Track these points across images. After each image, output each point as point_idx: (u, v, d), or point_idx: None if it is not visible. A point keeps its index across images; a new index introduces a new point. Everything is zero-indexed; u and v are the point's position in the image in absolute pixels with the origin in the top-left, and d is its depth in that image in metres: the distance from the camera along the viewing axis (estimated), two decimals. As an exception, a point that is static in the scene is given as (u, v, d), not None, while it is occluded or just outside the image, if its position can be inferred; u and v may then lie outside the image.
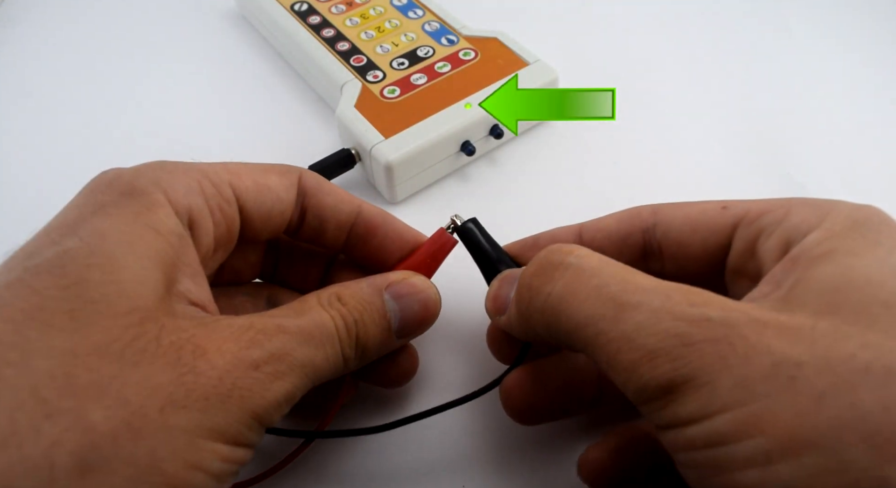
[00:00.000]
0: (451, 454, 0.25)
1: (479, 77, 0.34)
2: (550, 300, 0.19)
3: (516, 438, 0.25)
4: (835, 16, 0.44)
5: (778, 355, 0.15)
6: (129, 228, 0.18)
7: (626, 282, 0.18)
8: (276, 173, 0.22)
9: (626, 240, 0.23)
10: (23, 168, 0.36)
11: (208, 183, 0.20)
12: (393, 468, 0.25)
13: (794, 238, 0.18)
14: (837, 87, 0.39)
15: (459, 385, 0.27)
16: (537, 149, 0.36)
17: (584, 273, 0.19)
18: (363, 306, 0.21)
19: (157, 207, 0.19)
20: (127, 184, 0.19)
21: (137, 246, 0.18)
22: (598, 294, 0.18)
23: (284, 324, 0.19)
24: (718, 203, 0.22)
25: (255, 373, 0.17)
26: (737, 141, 0.36)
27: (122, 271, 0.17)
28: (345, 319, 0.21)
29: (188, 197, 0.20)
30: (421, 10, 0.38)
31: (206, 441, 0.16)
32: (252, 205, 0.21)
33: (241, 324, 0.18)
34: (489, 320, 0.24)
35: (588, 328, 0.18)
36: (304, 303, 0.21)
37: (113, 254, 0.17)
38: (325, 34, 0.37)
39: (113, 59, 0.42)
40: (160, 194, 0.19)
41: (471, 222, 0.25)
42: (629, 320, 0.17)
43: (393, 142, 0.31)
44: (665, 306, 0.17)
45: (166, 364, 0.16)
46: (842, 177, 0.34)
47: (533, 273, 0.20)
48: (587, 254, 0.19)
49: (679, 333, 0.16)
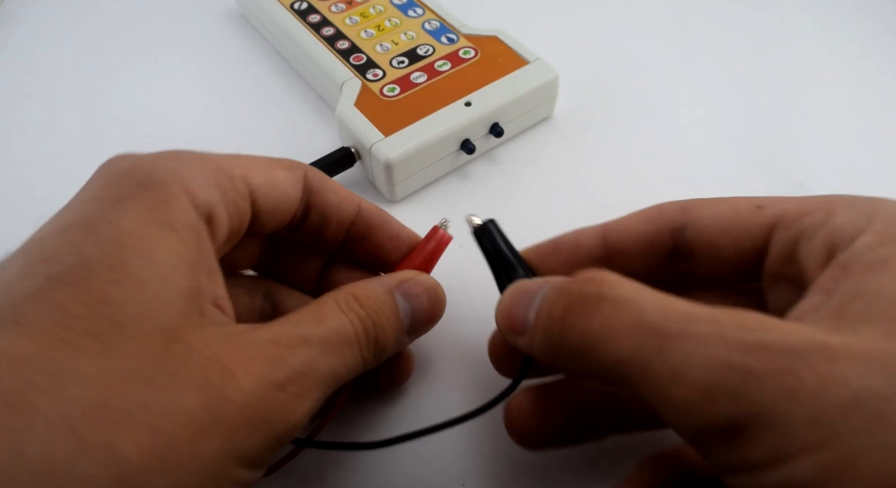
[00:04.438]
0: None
1: (478, 75, 0.34)
2: (587, 337, 0.17)
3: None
4: (836, 14, 0.43)
5: (857, 387, 0.13)
6: (148, 231, 0.17)
7: (666, 309, 0.16)
8: (283, 168, 0.22)
9: (653, 242, 0.21)
10: (23, 168, 0.36)
11: (224, 176, 0.20)
12: (385, 484, 0.24)
13: (840, 242, 0.17)
14: (837, 85, 0.39)
15: (459, 393, 0.26)
16: (537, 147, 0.36)
17: (620, 304, 0.17)
18: (379, 307, 0.21)
19: (175, 200, 0.18)
20: (145, 174, 0.18)
21: (158, 254, 0.17)
22: (637, 325, 0.16)
23: (307, 334, 0.19)
24: (752, 201, 0.20)
25: (280, 395, 0.17)
26: (737, 139, 0.36)
27: (145, 289, 0.16)
28: (363, 322, 0.20)
29: (206, 190, 0.19)
30: (421, 8, 0.38)
31: (232, 467, 0.16)
32: (263, 201, 0.21)
33: (265, 338, 0.18)
34: (490, 327, 0.23)
35: (631, 364, 0.16)
36: (322, 306, 0.20)
37: (135, 269, 0.16)
38: (325, 33, 0.37)
39: (113, 58, 0.42)
40: (178, 186, 0.18)
41: (490, 223, 0.24)
42: (676, 351, 0.15)
43: (393, 141, 0.31)
44: (714, 332, 0.15)
45: (194, 389, 0.16)
46: (841, 176, 0.34)
47: (566, 307, 0.18)
48: (621, 283, 0.17)
49: (735, 365, 0.14)
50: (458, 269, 0.29)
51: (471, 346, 0.28)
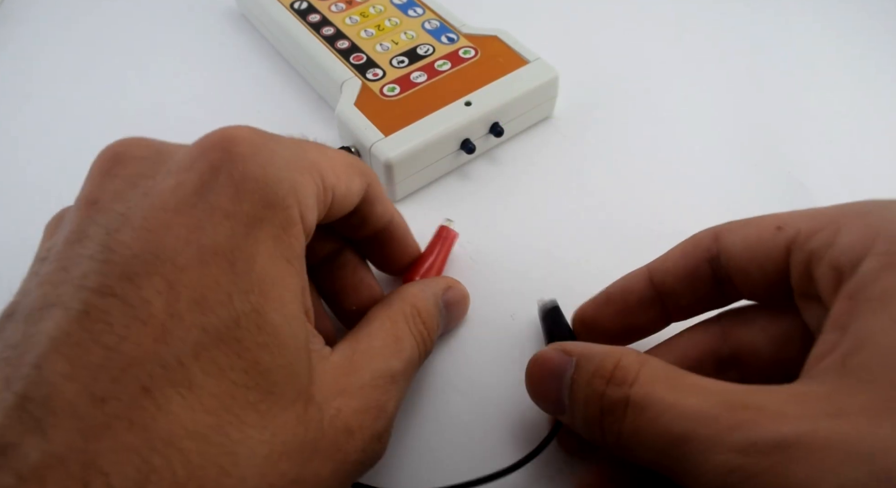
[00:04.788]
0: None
1: (478, 75, 0.34)
2: (621, 442, 0.18)
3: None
4: (836, 14, 0.43)
5: (843, 480, 0.13)
6: (277, 271, 0.17)
7: (673, 409, 0.16)
8: (358, 174, 0.21)
9: (694, 274, 0.22)
10: (23, 168, 0.36)
11: (323, 188, 0.19)
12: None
13: (845, 266, 0.17)
14: (838, 84, 0.39)
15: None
16: (538, 147, 0.36)
17: (640, 410, 0.17)
18: (434, 322, 0.23)
19: (293, 228, 0.18)
20: (269, 187, 0.17)
21: (288, 303, 0.17)
22: (655, 430, 0.17)
23: (394, 370, 0.20)
24: (773, 221, 0.20)
25: (377, 445, 0.19)
26: (737, 139, 0.36)
27: (285, 350, 0.16)
28: (425, 343, 0.22)
29: (314, 212, 0.19)
30: (421, 8, 0.38)
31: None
32: (335, 207, 0.21)
33: (366, 382, 0.19)
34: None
35: (660, 467, 0.17)
36: (397, 328, 0.21)
37: (276, 326, 0.16)
38: (325, 32, 0.37)
39: (112, 58, 0.42)
40: (296, 209, 0.18)
41: (553, 305, 0.26)
42: (689, 458, 0.16)
43: (393, 141, 0.31)
44: (714, 435, 0.15)
45: (328, 457, 0.17)
46: (842, 176, 0.34)
47: (600, 412, 0.18)
48: (642, 381, 0.18)
49: (735, 467, 0.15)
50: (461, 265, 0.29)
51: (477, 351, 0.28)
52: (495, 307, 0.29)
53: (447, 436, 0.25)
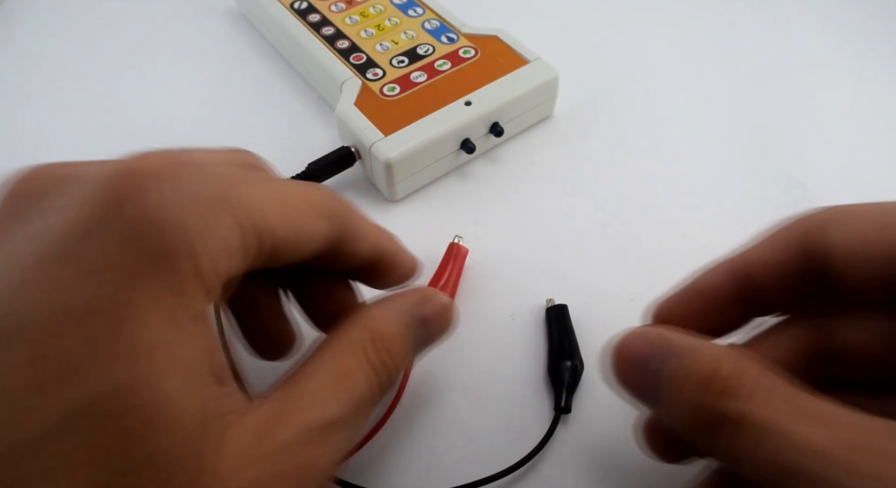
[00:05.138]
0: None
1: (478, 75, 0.34)
2: (729, 456, 0.17)
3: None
4: (836, 13, 0.43)
5: None
6: (164, 336, 0.14)
7: (795, 441, 0.15)
8: (319, 215, 0.19)
9: (787, 269, 0.19)
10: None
11: (248, 231, 0.16)
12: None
13: None
14: (838, 84, 0.39)
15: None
16: (538, 147, 0.36)
17: (757, 430, 0.16)
18: (401, 346, 0.20)
19: (189, 282, 0.15)
20: (163, 238, 0.15)
21: (175, 376, 0.14)
22: (771, 458, 0.16)
23: (332, 417, 0.17)
24: (891, 213, 0.18)
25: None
26: (737, 139, 0.36)
27: (162, 433, 0.14)
28: (388, 373, 0.19)
29: (229, 259, 0.16)
30: (421, 7, 0.38)
31: None
32: (283, 253, 0.18)
33: (289, 441, 0.16)
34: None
35: (765, 484, 0.16)
36: (341, 361, 0.18)
37: (152, 404, 0.14)
38: (325, 32, 0.37)
39: (112, 58, 0.42)
40: (199, 259, 0.15)
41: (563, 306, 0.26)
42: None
43: (392, 140, 0.31)
44: (832, 481, 0.15)
45: None
46: (843, 175, 0.34)
47: (709, 423, 0.17)
48: (760, 397, 0.16)
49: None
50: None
51: (477, 355, 0.28)
52: (495, 307, 0.29)
53: (447, 437, 0.25)
